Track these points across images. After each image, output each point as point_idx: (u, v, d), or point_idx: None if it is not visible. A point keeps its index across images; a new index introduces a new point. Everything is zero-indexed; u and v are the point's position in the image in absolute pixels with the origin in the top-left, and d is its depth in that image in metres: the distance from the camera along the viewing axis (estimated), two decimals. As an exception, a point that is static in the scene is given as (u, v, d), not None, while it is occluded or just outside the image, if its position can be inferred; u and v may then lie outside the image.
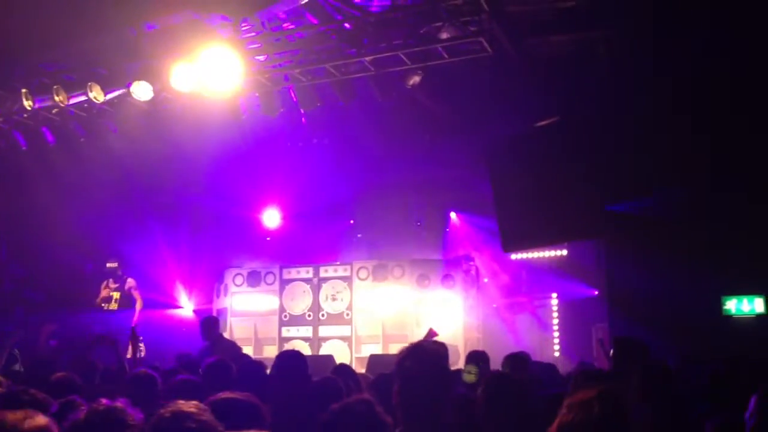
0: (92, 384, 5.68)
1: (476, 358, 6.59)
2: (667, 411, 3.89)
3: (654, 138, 8.69)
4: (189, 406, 2.59)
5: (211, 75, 8.77)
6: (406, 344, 3.23)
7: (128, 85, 9.36)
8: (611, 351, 5.73)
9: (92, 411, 2.54)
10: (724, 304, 9.32)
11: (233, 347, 8.55)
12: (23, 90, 9.54)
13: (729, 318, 9.30)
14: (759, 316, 9.17)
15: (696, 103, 8.31)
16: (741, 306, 9.27)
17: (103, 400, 2.65)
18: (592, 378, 4.26)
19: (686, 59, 8.06)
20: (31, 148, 10.74)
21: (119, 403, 2.58)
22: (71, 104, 9.67)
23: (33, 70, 9.61)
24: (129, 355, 8.06)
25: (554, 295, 12.49)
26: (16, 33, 8.20)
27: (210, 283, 13.03)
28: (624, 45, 8.16)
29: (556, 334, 12.46)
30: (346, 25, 8.87)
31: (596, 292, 11.49)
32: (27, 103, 9.56)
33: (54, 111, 10.01)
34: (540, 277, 12.56)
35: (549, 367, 6.72)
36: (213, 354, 7.82)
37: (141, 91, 9.35)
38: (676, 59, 8.09)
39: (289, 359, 4.99)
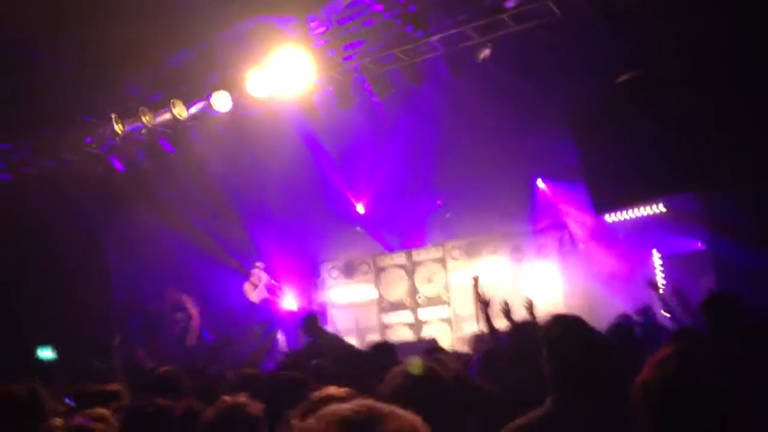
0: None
1: None
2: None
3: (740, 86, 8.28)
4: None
5: (285, 76, 8.95)
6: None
7: (208, 97, 9.66)
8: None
9: (220, 408, 2.66)
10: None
11: (336, 340, 8.72)
12: (113, 115, 9.99)
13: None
14: None
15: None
16: None
17: (227, 398, 2.79)
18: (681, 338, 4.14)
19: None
20: (128, 169, 11.28)
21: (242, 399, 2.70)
22: (157, 123, 10.05)
23: (119, 96, 10.05)
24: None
25: (656, 252, 12.09)
26: (98, 62, 8.58)
27: (307, 280, 13.32)
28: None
29: (661, 291, 12.06)
30: (410, 7, 8.84)
31: (700, 245, 11.07)
32: (118, 128, 10.01)
33: (143, 132, 10.45)
34: (639, 235, 12.19)
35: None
36: (317, 348, 8.06)
37: (220, 101, 9.63)
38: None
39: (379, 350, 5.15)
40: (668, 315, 8.34)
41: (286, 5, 8.79)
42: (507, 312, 6.25)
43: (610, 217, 11.77)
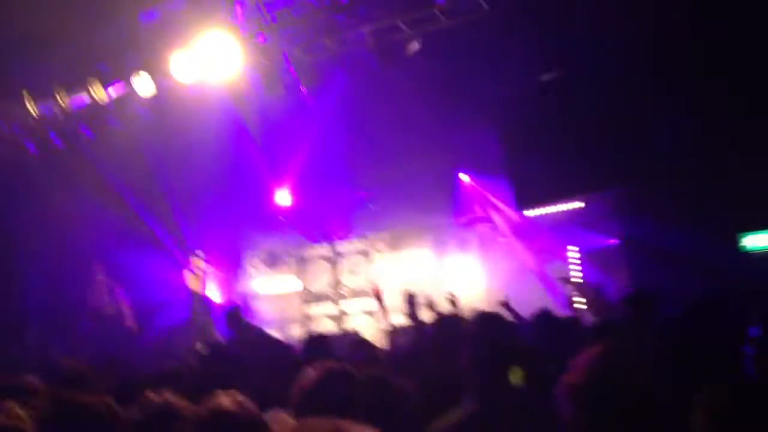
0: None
1: None
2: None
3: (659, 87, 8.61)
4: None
5: (212, 61, 8.74)
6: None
7: (129, 80, 9.34)
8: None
9: (146, 406, 2.56)
10: (741, 241, 9.32)
11: (260, 333, 8.59)
12: (26, 96, 9.53)
13: (746, 254, 9.30)
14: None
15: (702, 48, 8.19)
16: (758, 241, 9.26)
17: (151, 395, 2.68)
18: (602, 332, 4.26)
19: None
20: (41, 153, 10.77)
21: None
22: (75, 104, 9.65)
23: (33, 75, 9.58)
24: None
25: (573, 248, 12.44)
26: (12, 39, 8.17)
27: (230, 271, 13.08)
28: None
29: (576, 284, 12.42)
30: (340, -3, 8.79)
31: (616, 241, 11.46)
32: (31, 108, 9.55)
33: (59, 115, 10.00)
34: (557, 230, 12.51)
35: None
36: (240, 342, 7.92)
37: (142, 84, 9.32)
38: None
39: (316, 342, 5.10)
40: (585, 307, 8.62)
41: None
42: (431, 305, 6.29)
43: (532, 213, 12.05)
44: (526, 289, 12.19)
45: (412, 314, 6.18)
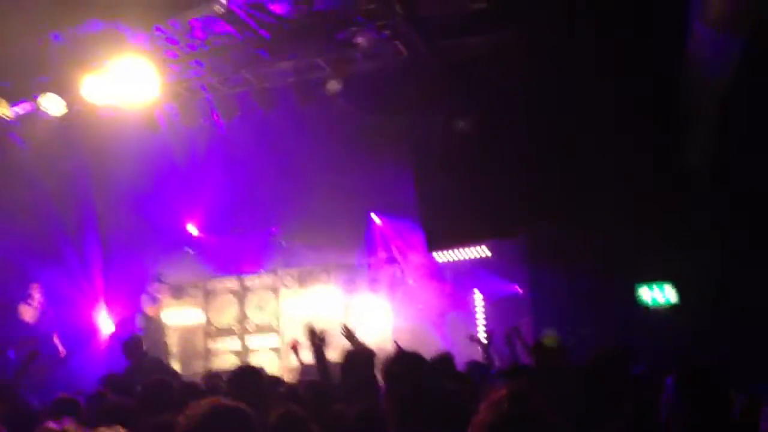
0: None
1: None
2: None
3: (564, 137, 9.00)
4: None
5: (126, 86, 8.57)
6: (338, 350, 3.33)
7: (35, 98, 9.04)
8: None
9: None
10: (638, 294, 9.72)
11: (159, 365, 8.35)
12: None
13: (645, 308, 9.71)
14: (672, 306, 9.58)
15: (602, 103, 8.63)
16: (654, 294, 9.68)
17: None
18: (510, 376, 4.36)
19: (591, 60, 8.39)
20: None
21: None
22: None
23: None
24: None
25: (478, 293, 12.68)
26: None
27: (132, 300, 12.66)
28: (534, 45, 8.41)
29: (483, 331, 12.65)
30: (263, 32, 8.81)
31: (520, 289, 11.75)
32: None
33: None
34: (464, 276, 12.74)
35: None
36: (138, 374, 7.65)
37: (50, 104, 9.04)
38: (582, 60, 8.40)
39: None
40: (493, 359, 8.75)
41: (133, 13, 8.45)
42: (349, 335, 6.20)
43: (440, 257, 12.25)
44: (433, 331, 12.37)
45: (316, 350, 6.10)
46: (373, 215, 12.72)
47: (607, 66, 8.31)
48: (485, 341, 11.10)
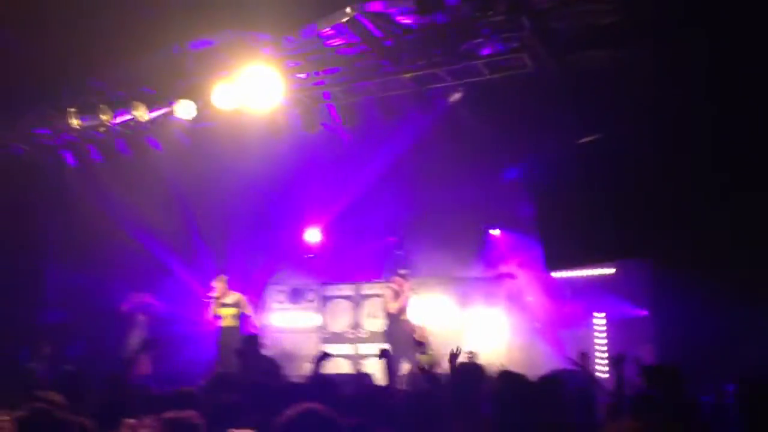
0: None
1: None
2: None
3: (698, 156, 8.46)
4: None
5: (253, 93, 8.85)
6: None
7: (171, 104, 9.50)
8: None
9: None
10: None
11: (272, 365, 8.52)
12: (70, 109, 9.74)
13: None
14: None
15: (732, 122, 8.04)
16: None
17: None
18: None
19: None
20: (80, 166, 10.98)
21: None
22: (116, 123, 9.83)
23: (80, 89, 9.81)
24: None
25: (601, 314, 12.17)
26: (64, 52, 8.37)
27: (252, 301, 13.07)
28: (663, 61, 7.96)
29: (605, 354, 12.12)
30: (387, 42, 8.84)
31: (645, 313, 11.18)
32: (74, 122, 9.76)
33: (100, 129, 10.20)
34: (585, 295, 12.27)
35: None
36: (251, 372, 7.87)
37: (184, 109, 9.48)
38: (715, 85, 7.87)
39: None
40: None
41: (263, 22, 8.72)
42: (454, 356, 6.08)
43: (560, 274, 11.85)
44: (548, 349, 11.99)
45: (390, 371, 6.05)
46: (492, 230, 12.52)
47: (745, 92, 7.74)
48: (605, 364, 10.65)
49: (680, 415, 4.06)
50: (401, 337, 10.29)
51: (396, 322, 10.59)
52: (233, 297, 10.88)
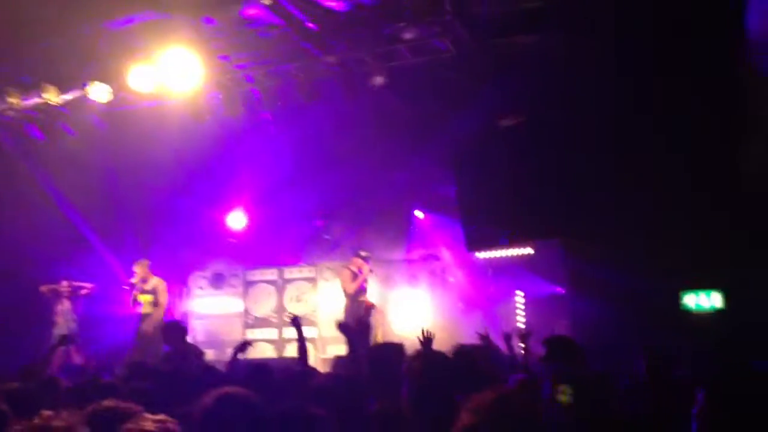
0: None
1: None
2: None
3: (616, 141, 8.79)
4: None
5: (172, 76, 8.64)
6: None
7: (84, 86, 9.16)
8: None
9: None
10: (683, 299, 9.49)
11: (196, 352, 8.42)
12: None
13: (688, 313, 9.47)
14: (717, 311, 9.34)
15: (654, 105, 8.40)
16: (699, 301, 9.44)
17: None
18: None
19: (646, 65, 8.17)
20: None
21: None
22: (26, 106, 9.42)
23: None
24: None
25: (520, 293, 12.54)
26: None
27: (173, 287, 12.82)
28: (587, 47, 8.22)
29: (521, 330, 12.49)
30: (310, 25, 8.78)
31: (561, 290, 11.58)
32: (-20, 105, 9.31)
33: (9, 113, 9.75)
34: (506, 274, 12.60)
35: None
36: (175, 358, 7.77)
37: (98, 92, 9.16)
38: (637, 64, 8.18)
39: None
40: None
41: (182, 4, 8.51)
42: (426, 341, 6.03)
43: (481, 254, 12.13)
44: (472, 328, 12.25)
45: (351, 343, 6.09)
46: (416, 211, 12.67)
47: (660, 72, 8.09)
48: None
49: (583, 386, 4.22)
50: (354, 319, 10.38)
51: (354, 302, 10.65)
52: (152, 283, 10.60)
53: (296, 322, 6.29)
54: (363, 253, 10.91)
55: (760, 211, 8.31)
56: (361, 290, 10.75)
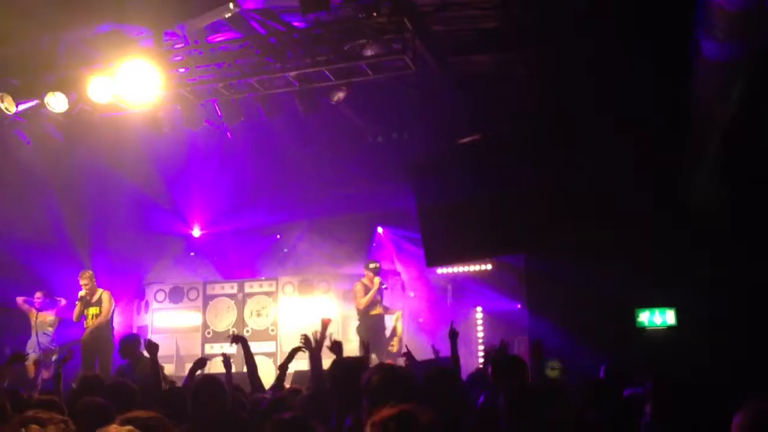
0: None
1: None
2: None
3: (575, 156, 8.94)
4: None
5: (130, 87, 8.61)
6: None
7: (42, 96, 9.07)
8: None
9: None
10: (638, 317, 9.64)
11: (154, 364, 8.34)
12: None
13: (642, 330, 9.62)
14: (670, 328, 9.50)
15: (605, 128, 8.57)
16: (653, 318, 9.60)
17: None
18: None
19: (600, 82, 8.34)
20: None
21: None
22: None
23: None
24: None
25: (479, 308, 12.64)
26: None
27: (130, 300, 12.68)
28: (542, 67, 8.39)
29: (481, 347, 12.58)
30: (271, 39, 8.83)
31: (519, 306, 11.69)
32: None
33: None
34: (465, 290, 12.69)
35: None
36: (132, 373, 7.70)
37: (56, 102, 9.06)
38: (586, 88, 8.36)
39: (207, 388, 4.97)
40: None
41: (142, 16, 8.51)
42: (336, 349, 6.10)
43: (441, 270, 12.22)
44: (431, 343, 12.29)
45: (312, 356, 6.09)
46: (378, 227, 12.72)
47: (611, 96, 8.26)
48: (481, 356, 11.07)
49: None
50: (371, 333, 10.41)
51: (366, 316, 10.69)
52: (98, 294, 10.42)
53: (238, 339, 6.28)
54: (372, 265, 10.89)
55: (713, 229, 8.51)
56: (374, 303, 10.72)
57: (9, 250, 11.21)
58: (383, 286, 10.83)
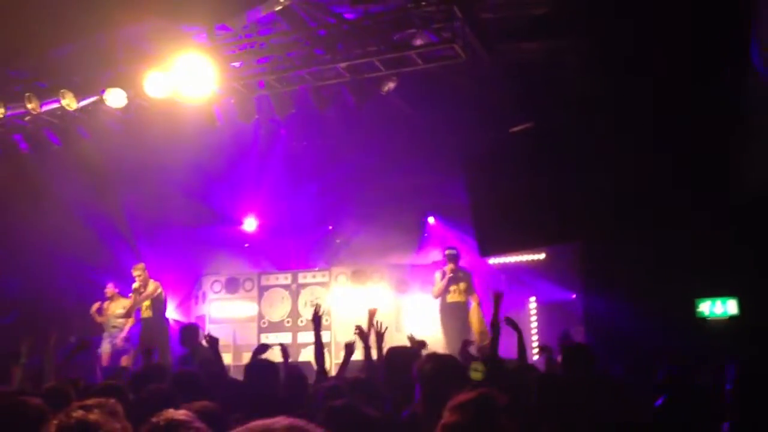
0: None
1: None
2: None
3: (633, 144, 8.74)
4: (180, 414, 2.60)
5: (186, 82, 8.77)
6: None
7: (101, 92, 9.32)
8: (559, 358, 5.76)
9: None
10: (698, 306, 9.40)
11: (215, 352, 8.51)
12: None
13: (703, 320, 9.38)
14: (732, 318, 9.24)
15: (660, 114, 8.36)
16: (714, 308, 9.35)
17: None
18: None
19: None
20: (4, 156, 10.65)
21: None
22: (44, 112, 9.58)
23: (4, 78, 9.52)
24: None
25: (533, 298, 12.51)
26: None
27: (188, 291, 12.96)
28: (594, 54, 8.22)
29: (535, 337, 12.48)
30: (321, 31, 8.88)
31: (574, 296, 11.54)
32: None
33: (26, 118, 9.92)
34: (520, 280, 12.58)
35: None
36: (192, 361, 7.87)
37: (114, 98, 9.30)
38: (644, 72, 8.16)
39: (260, 370, 5.06)
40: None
41: (196, 12, 8.64)
42: (362, 336, 6.24)
43: (493, 260, 12.13)
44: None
45: (365, 346, 6.19)
46: (429, 217, 12.70)
47: (669, 83, 8.04)
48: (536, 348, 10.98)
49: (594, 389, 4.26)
50: (446, 320, 10.54)
51: (442, 305, 10.76)
52: (151, 286, 10.67)
53: (316, 318, 6.38)
54: (447, 252, 10.88)
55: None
56: (449, 290, 10.76)
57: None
58: (452, 274, 10.71)
